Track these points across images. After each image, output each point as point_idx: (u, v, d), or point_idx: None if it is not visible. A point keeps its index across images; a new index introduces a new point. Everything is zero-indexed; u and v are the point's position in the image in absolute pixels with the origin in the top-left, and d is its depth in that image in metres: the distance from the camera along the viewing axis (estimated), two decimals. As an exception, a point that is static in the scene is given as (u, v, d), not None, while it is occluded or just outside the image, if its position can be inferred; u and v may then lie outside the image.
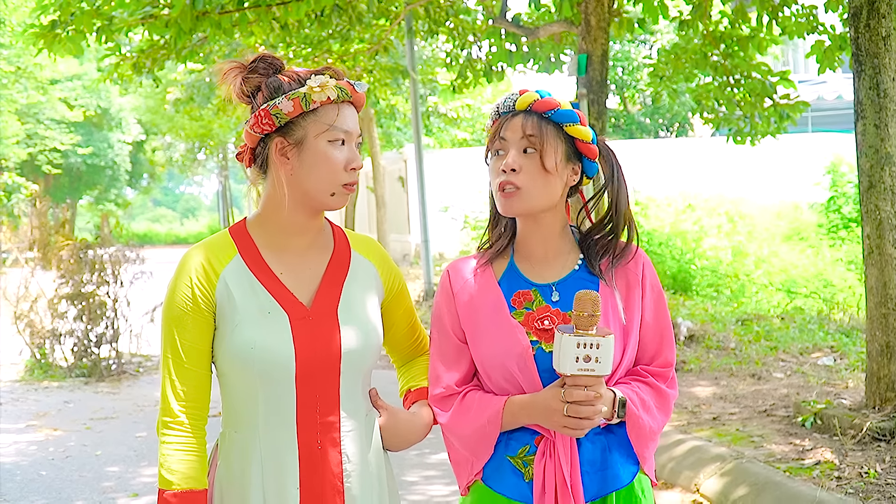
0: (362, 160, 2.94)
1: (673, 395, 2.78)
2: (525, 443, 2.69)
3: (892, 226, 6.84)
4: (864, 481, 5.81)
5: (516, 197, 2.69)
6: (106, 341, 12.03)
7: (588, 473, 2.67)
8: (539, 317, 2.70)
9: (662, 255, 16.14)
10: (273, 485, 2.63)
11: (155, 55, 12.10)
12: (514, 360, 2.67)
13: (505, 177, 2.70)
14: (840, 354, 10.07)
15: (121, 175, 49.90)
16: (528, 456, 2.69)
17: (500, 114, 2.79)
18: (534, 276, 2.77)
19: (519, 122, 2.72)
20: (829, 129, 26.00)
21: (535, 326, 2.69)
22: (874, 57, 6.89)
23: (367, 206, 30.34)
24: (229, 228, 2.79)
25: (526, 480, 2.68)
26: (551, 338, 2.66)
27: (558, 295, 2.73)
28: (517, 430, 2.70)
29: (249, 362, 2.62)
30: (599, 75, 10.50)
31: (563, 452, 2.63)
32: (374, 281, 2.82)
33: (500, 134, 2.74)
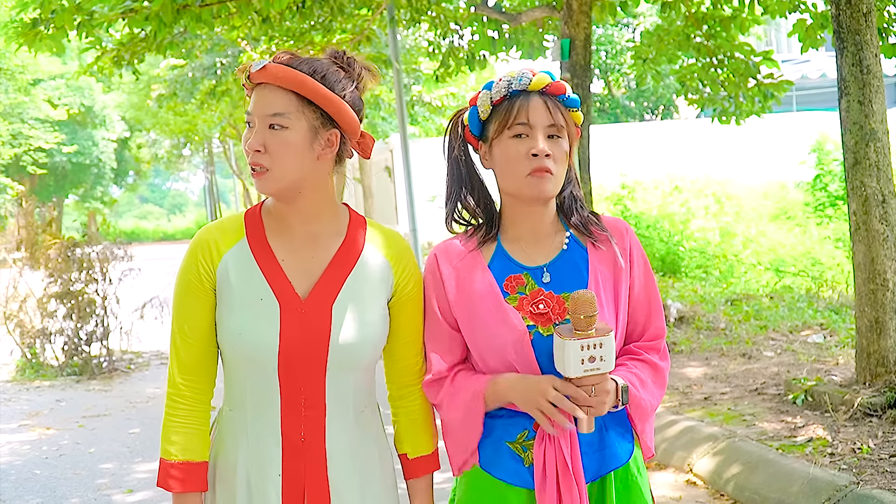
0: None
1: (666, 367, 2.78)
2: (523, 427, 2.68)
3: (878, 201, 6.85)
4: (857, 457, 5.83)
5: (549, 180, 2.67)
6: (96, 339, 12.01)
7: (587, 454, 2.67)
8: (533, 300, 2.68)
9: (650, 238, 16.15)
10: (256, 470, 2.63)
11: (135, 48, 12.06)
12: (511, 346, 2.65)
13: (539, 161, 2.64)
14: (829, 331, 10.10)
15: (106, 173, 49.77)
16: (527, 441, 2.68)
17: (511, 92, 2.70)
18: (524, 259, 2.74)
19: (542, 105, 2.67)
20: (813, 107, 26.05)
21: (529, 311, 2.67)
22: (856, 34, 6.90)
23: (355, 197, 30.32)
24: (246, 210, 2.75)
25: (525, 465, 2.67)
26: (547, 321, 2.65)
27: (549, 276, 2.70)
28: (515, 415, 2.68)
29: (236, 347, 2.61)
30: (583, 60, 10.50)
31: (563, 435, 2.62)
32: (384, 279, 2.73)
33: (526, 117, 2.66)
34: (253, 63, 2.62)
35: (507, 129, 2.68)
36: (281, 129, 2.59)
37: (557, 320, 2.65)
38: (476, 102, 2.76)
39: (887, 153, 6.93)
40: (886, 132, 6.94)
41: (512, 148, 2.67)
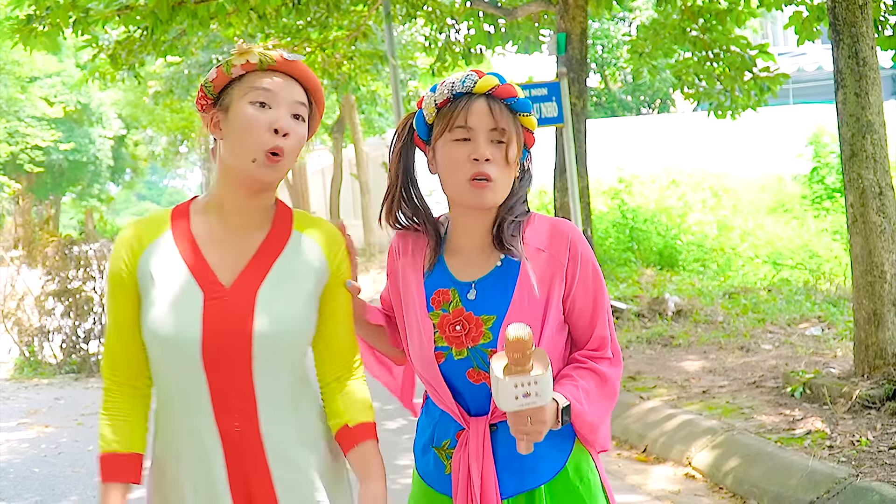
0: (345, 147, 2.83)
1: (615, 374, 2.68)
2: (448, 436, 2.66)
3: (874, 193, 6.86)
4: (856, 449, 5.83)
5: (489, 189, 2.57)
6: (94, 337, 12.01)
7: (504, 470, 2.61)
8: (453, 321, 2.62)
9: (648, 232, 16.16)
10: (200, 465, 2.57)
11: (131, 47, 12.05)
12: (423, 361, 2.64)
13: (479, 167, 2.54)
14: (827, 324, 10.10)
15: (103, 170, 49.69)
16: (450, 448, 2.66)
17: (455, 94, 2.61)
18: (457, 273, 2.66)
19: (485, 108, 2.57)
20: (810, 100, 26.01)
21: (446, 331, 2.62)
22: (852, 26, 6.90)
23: (352, 193, 30.32)
24: (174, 206, 2.69)
25: (446, 473, 2.66)
26: (461, 344, 2.60)
27: (475, 293, 2.62)
28: (443, 420, 2.67)
29: (158, 340, 2.54)
30: (579, 54, 10.51)
31: (476, 446, 2.59)
32: (316, 261, 2.63)
33: (466, 120, 2.58)
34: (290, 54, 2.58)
35: (447, 132, 2.59)
36: (300, 122, 2.57)
37: (471, 344, 2.59)
38: (421, 105, 2.68)
39: (884, 145, 6.93)
40: (883, 124, 6.94)
41: (452, 152, 2.58)
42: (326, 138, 31.91)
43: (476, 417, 2.63)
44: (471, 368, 2.60)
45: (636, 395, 7.83)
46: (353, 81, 17.56)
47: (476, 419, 2.62)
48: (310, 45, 14.69)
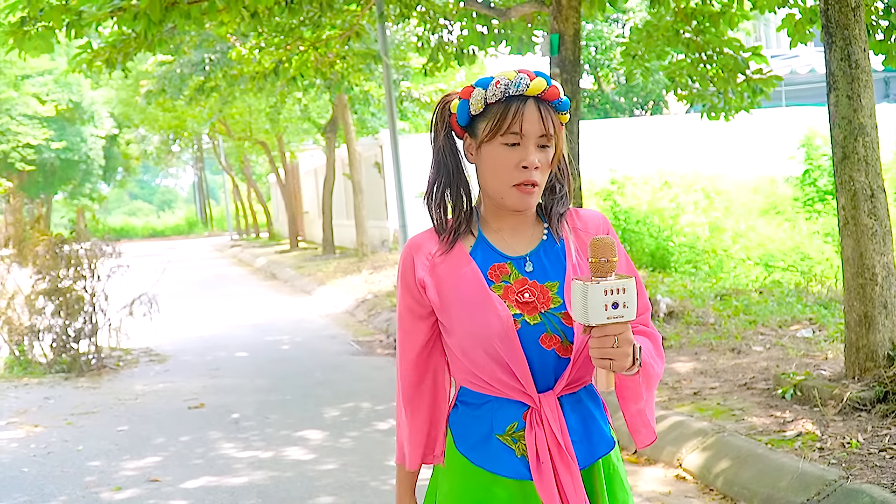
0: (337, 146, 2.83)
1: (660, 337, 2.76)
2: (513, 419, 2.64)
3: (866, 196, 6.86)
4: (847, 451, 5.83)
5: (534, 194, 2.62)
6: (85, 336, 11.98)
7: (575, 443, 2.64)
8: (518, 290, 2.63)
9: (640, 233, 16.17)
10: None
11: (126, 49, 12.04)
12: (496, 335, 2.59)
13: (527, 174, 2.58)
14: (819, 326, 10.11)
15: (94, 169, 49.67)
16: (517, 432, 2.64)
17: (508, 96, 2.61)
18: (505, 249, 2.69)
19: (536, 113, 2.59)
20: (802, 102, 26.07)
21: (515, 300, 2.62)
22: (844, 28, 6.91)
23: (344, 193, 30.29)
24: None
25: (518, 456, 2.63)
26: (533, 310, 2.61)
27: (532, 265, 2.66)
28: (503, 406, 2.65)
29: None
30: (572, 55, 10.50)
31: (553, 420, 2.59)
32: None
33: (520, 126, 2.58)
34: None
35: (499, 136, 2.60)
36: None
37: (543, 309, 2.61)
38: (468, 96, 2.66)
39: (876, 147, 6.94)
40: (875, 127, 6.95)
41: (503, 156, 2.60)
42: (319, 138, 31.89)
43: (544, 393, 2.63)
44: (544, 334, 2.60)
45: (627, 397, 7.82)
46: (346, 81, 17.57)
47: (545, 395, 2.62)
48: (303, 44, 14.69)
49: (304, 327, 14.91)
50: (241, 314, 17.04)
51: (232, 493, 6.65)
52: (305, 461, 7.32)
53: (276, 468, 7.19)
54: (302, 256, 28.98)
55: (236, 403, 9.57)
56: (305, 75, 15.58)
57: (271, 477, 6.98)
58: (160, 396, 10.19)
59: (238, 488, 6.76)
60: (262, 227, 49.71)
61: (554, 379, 2.63)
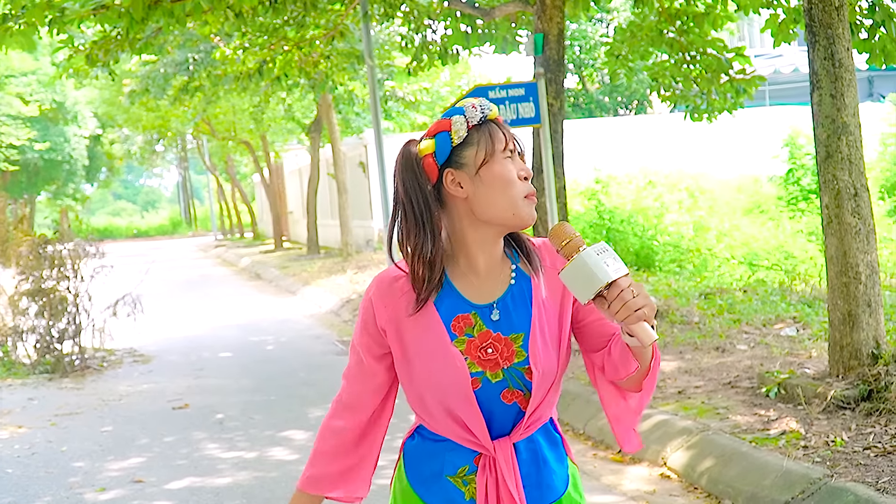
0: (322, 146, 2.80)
1: None
2: (464, 463, 2.62)
3: (850, 195, 6.88)
4: (831, 450, 5.85)
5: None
6: (68, 337, 11.95)
7: (528, 487, 2.62)
8: (482, 344, 2.58)
9: (624, 233, 16.18)
10: None
11: (108, 46, 12.00)
12: (453, 394, 2.56)
13: (528, 185, 2.57)
14: (802, 325, 10.13)
15: (78, 169, 49.49)
16: (468, 475, 2.62)
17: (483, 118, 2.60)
18: (472, 296, 2.61)
19: (509, 132, 2.61)
20: (786, 102, 26.13)
21: (478, 356, 2.57)
22: (828, 27, 6.93)
23: (329, 193, 30.26)
24: None
25: (467, 499, 2.62)
26: (496, 366, 2.56)
27: (498, 313, 2.59)
28: (456, 448, 2.62)
29: None
30: (556, 54, 10.50)
31: (507, 469, 2.57)
32: None
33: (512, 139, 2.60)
34: None
35: (500, 152, 2.57)
36: None
37: (506, 365, 2.57)
38: (448, 128, 2.58)
39: (859, 146, 6.95)
40: (858, 126, 6.96)
41: (509, 169, 2.56)
42: (303, 138, 31.85)
43: (499, 440, 2.60)
44: (506, 389, 2.57)
45: (612, 396, 7.82)
46: (330, 80, 17.54)
47: (500, 441, 2.60)
48: (287, 44, 14.66)
49: (288, 327, 14.89)
50: (226, 314, 17.01)
51: (216, 494, 6.64)
52: (290, 461, 7.31)
53: (260, 468, 7.18)
54: (286, 256, 28.95)
55: (221, 404, 9.55)
56: (289, 75, 15.56)
57: (256, 477, 6.97)
58: (144, 397, 10.17)
59: (222, 489, 6.75)
60: (246, 227, 49.67)
61: (511, 426, 2.62)
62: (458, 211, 2.61)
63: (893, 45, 9.00)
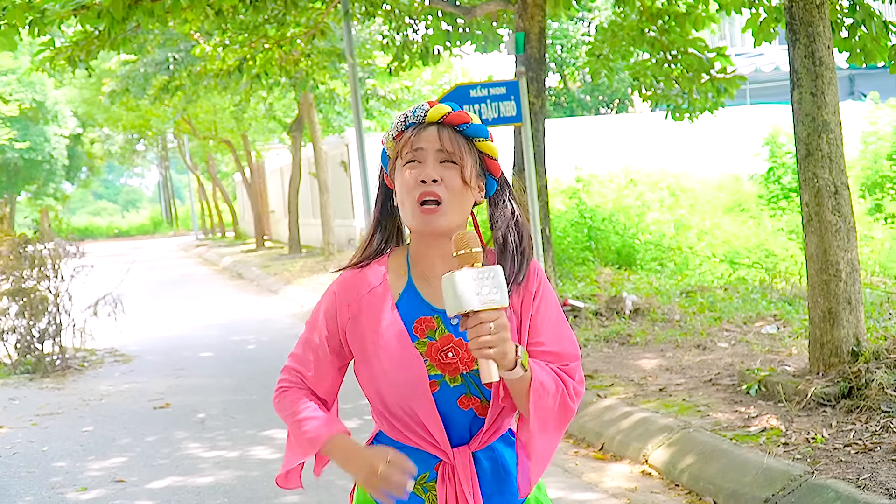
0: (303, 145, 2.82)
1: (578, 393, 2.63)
2: (425, 470, 2.62)
3: (830, 193, 6.91)
4: (812, 447, 5.87)
5: (438, 212, 2.58)
6: (49, 337, 11.90)
7: (488, 495, 2.63)
8: (442, 348, 2.59)
9: (606, 231, 16.20)
10: None
11: (89, 47, 11.97)
12: (412, 395, 2.57)
13: (426, 188, 2.56)
14: (783, 322, 10.17)
15: (58, 169, 49.36)
16: (428, 482, 2.63)
17: (408, 125, 2.64)
18: (434, 300, 2.63)
19: (434, 132, 2.60)
20: (767, 100, 26.19)
21: (438, 359, 2.58)
22: (808, 25, 6.95)
23: (311, 192, 30.21)
24: None
25: None
26: (455, 371, 2.57)
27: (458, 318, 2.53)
28: (416, 456, 2.61)
29: None
30: (538, 53, 10.52)
31: (465, 477, 2.58)
32: None
33: (416, 144, 2.60)
34: None
35: (400, 158, 2.62)
36: None
37: (465, 370, 2.58)
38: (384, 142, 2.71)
39: (840, 144, 6.98)
40: (839, 124, 6.99)
41: (406, 176, 2.59)
42: (285, 137, 31.79)
43: (458, 448, 2.61)
44: (463, 395, 2.58)
45: (593, 394, 7.85)
46: (310, 79, 17.52)
47: (459, 450, 2.61)
48: (267, 42, 14.64)
49: (270, 327, 14.86)
50: (207, 314, 16.96)
51: (198, 493, 6.62)
52: (272, 460, 7.29)
53: (242, 468, 7.17)
54: (268, 255, 28.89)
55: (202, 403, 9.53)
56: (270, 73, 15.54)
57: (237, 476, 6.95)
58: (125, 397, 10.14)
59: (204, 488, 6.73)
60: (227, 226, 49.54)
61: (470, 434, 2.62)
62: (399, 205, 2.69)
63: (874, 43, 9.05)
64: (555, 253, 12.56)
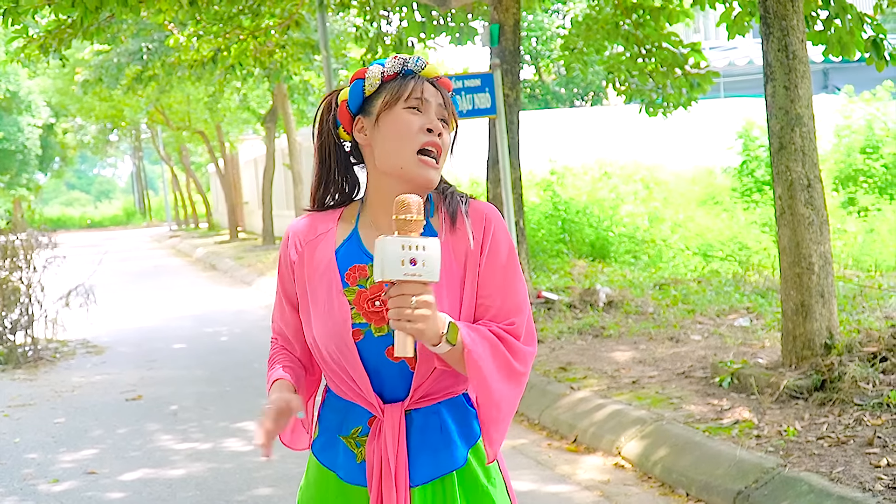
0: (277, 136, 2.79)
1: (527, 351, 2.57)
2: (358, 423, 2.60)
3: (803, 186, 6.93)
4: (784, 439, 5.89)
5: (436, 169, 2.56)
6: (21, 328, 11.85)
7: (419, 455, 2.57)
8: (371, 296, 2.54)
9: (580, 224, 16.22)
10: None
11: (62, 35, 11.90)
12: (335, 340, 2.54)
13: (432, 137, 2.53)
14: (756, 315, 10.21)
15: (31, 159, 49.05)
16: (360, 437, 2.60)
17: (405, 71, 2.59)
18: (373, 247, 2.51)
19: (434, 89, 2.58)
20: (740, 94, 26.25)
21: (365, 307, 2.54)
22: (782, 19, 6.97)
23: (284, 183, 30.16)
24: None
25: (357, 462, 2.59)
26: (381, 321, 2.52)
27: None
28: (352, 408, 2.60)
29: None
30: (512, 45, 10.52)
31: (392, 435, 2.53)
32: None
33: (421, 93, 2.55)
34: None
35: (402, 101, 2.55)
36: None
37: None
38: (363, 76, 2.62)
39: (813, 138, 7.01)
40: (812, 117, 7.02)
41: (406, 119, 2.54)
42: (259, 128, 31.68)
43: (391, 404, 2.56)
44: (390, 346, 2.49)
45: (566, 386, 7.85)
46: (285, 70, 17.47)
47: (391, 406, 2.56)
48: (241, 33, 14.58)
49: (243, 318, 14.83)
50: (180, 305, 16.91)
51: (170, 486, 6.60)
52: (244, 452, 7.28)
53: (214, 460, 7.15)
54: (242, 247, 28.80)
55: (174, 395, 9.49)
56: (244, 64, 15.48)
57: (210, 469, 6.93)
58: (97, 388, 10.09)
59: (176, 480, 6.71)
60: (201, 217, 49.36)
61: (405, 392, 2.57)
62: (368, 160, 2.64)
63: (849, 37, 9.07)
64: (529, 245, 12.56)
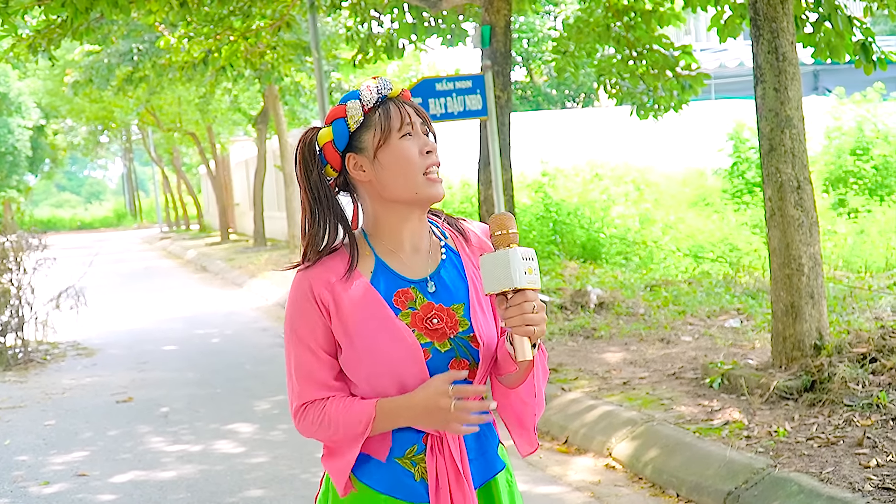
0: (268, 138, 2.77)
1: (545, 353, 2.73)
2: (413, 443, 2.60)
3: (793, 187, 6.95)
4: (774, 440, 5.90)
5: (441, 183, 2.61)
6: (11, 330, 11.82)
7: (473, 461, 2.63)
8: (426, 315, 2.58)
9: (571, 225, 16.23)
10: None
11: (51, 35, 11.88)
12: (405, 366, 2.54)
13: (432, 158, 2.58)
14: (746, 316, 10.23)
15: (21, 160, 48.93)
16: (416, 455, 2.60)
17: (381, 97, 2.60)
18: (405, 272, 2.62)
19: (407, 107, 2.61)
20: (731, 95, 26.32)
21: (424, 327, 2.57)
22: (772, 21, 6.99)
23: (275, 185, 30.13)
24: None
25: (416, 480, 2.60)
26: (443, 336, 2.56)
27: (434, 286, 2.60)
28: (401, 431, 2.60)
29: None
30: (503, 46, 10.52)
31: (453, 444, 2.58)
32: None
33: (409, 117, 2.58)
34: None
35: (395, 133, 2.57)
36: None
37: (452, 334, 2.57)
38: (344, 114, 2.61)
39: (802, 139, 7.02)
40: (802, 119, 7.03)
41: (407, 148, 2.57)
42: (250, 129, 31.65)
43: None
44: (454, 359, 2.57)
45: (558, 387, 7.87)
46: (276, 71, 17.46)
47: None
48: (232, 34, 14.56)
49: (234, 320, 14.82)
50: (171, 307, 16.88)
51: (161, 488, 6.59)
52: (235, 454, 7.27)
53: (205, 462, 7.14)
54: (233, 248, 28.77)
55: (165, 397, 9.48)
56: (235, 65, 15.45)
57: (201, 471, 6.93)
58: (88, 390, 10.08)
59: (167, 482, 6.71)
60: (192, 219, 49.29)
61: None
62: (367, 194, 2.65)
63: (839, 39, 9.08)
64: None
